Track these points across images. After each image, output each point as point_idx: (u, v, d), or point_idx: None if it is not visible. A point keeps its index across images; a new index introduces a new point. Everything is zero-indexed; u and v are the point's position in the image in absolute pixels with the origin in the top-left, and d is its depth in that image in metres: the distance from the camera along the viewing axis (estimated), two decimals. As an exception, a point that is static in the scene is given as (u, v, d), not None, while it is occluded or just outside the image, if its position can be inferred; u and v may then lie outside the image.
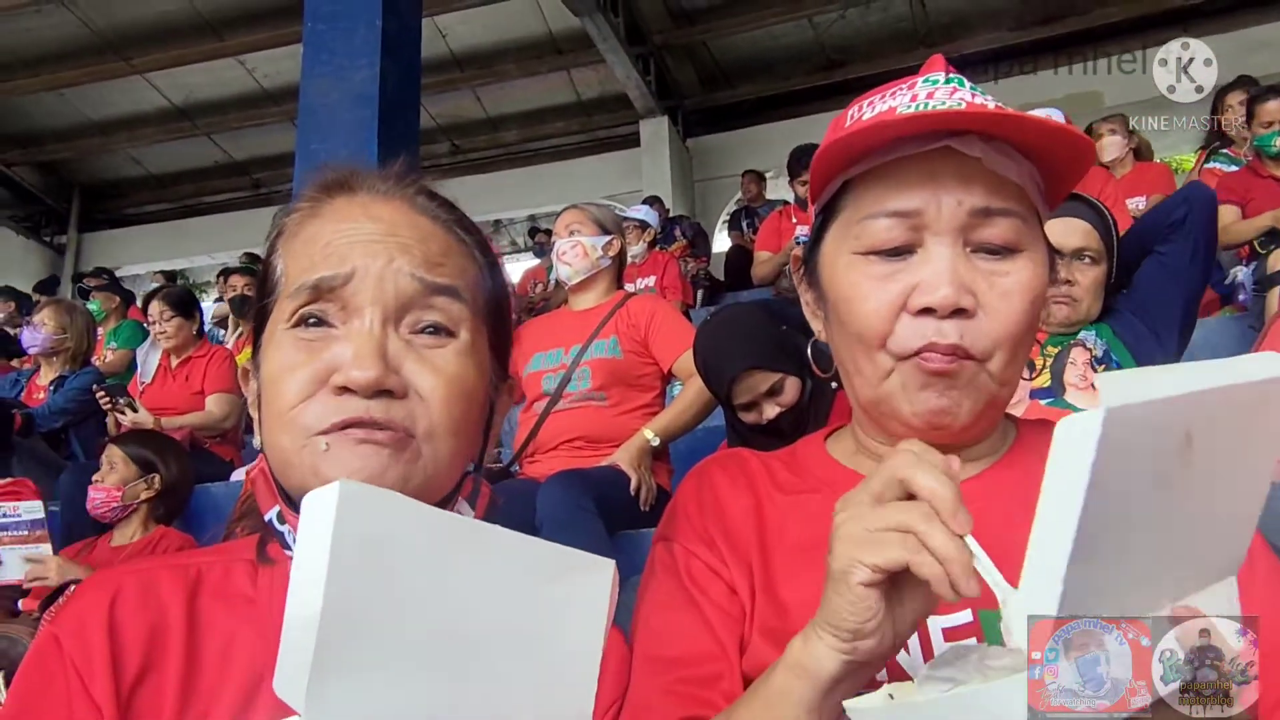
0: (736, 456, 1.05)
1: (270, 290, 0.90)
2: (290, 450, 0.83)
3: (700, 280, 7.93)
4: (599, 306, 3.31)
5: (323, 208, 0.90)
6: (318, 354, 0.83)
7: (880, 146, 0.88)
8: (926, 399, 0.88)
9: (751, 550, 0.94)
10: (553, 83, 11.89)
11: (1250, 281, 4.23)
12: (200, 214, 14.09)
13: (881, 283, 0.88)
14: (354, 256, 0.84)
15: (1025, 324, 0.87)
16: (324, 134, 4.77)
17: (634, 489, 2.84)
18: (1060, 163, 0.89)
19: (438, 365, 0.86)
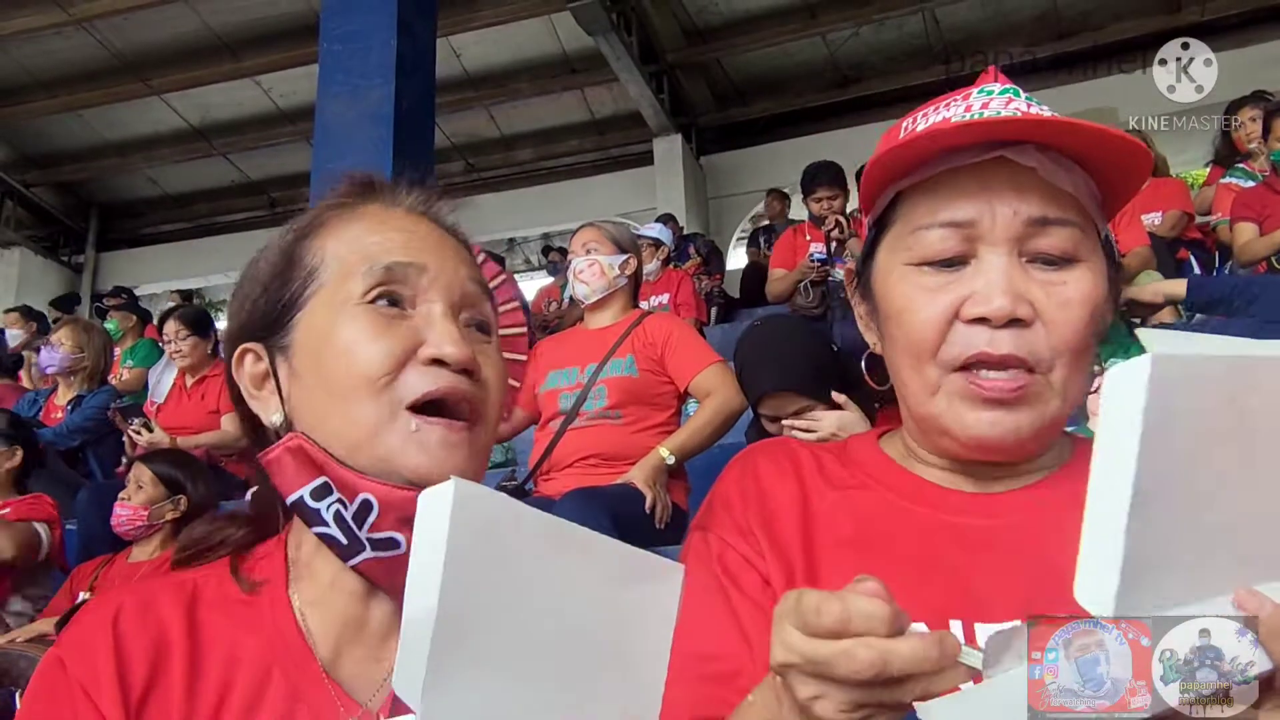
0: (785, 445, 1.02)
1: (308, 277, 0.90)
2: (372, 422, 0.84)
3: (714, 298, 7.94)
4: (615, 325, 3.31)
5: (363, 209, 0.94)
6: (398, 328, 0.86)
7: (933, 157, 0.88)
8: (976, 425, 0.86)
9: (794, 542, 0.92)
10: (566, 101, 11.95)
11: (1268, 297, 4.20)
12: (217, 233, 14.18)
13: (934, 294, 0.87)
14: (424, 252, 0.89)
15: (1085, 334, 0.85)
16: (340, 153, 4.81)
17: (649, 507, 2.83)
18: (1117, 171, 0.88)
19: (491, 358, 0.91)
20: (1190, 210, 5.35)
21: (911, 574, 0.85)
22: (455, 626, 0.61)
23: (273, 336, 0.91)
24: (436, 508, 0.61)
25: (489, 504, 0.64)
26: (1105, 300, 0.88)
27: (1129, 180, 0.89)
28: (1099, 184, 0.89)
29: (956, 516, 0.90)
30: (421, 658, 0.60)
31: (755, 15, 10.50)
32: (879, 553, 0.88)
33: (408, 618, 0.62)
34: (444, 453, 0.84)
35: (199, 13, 10.42)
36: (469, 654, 0.62)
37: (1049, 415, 0.86)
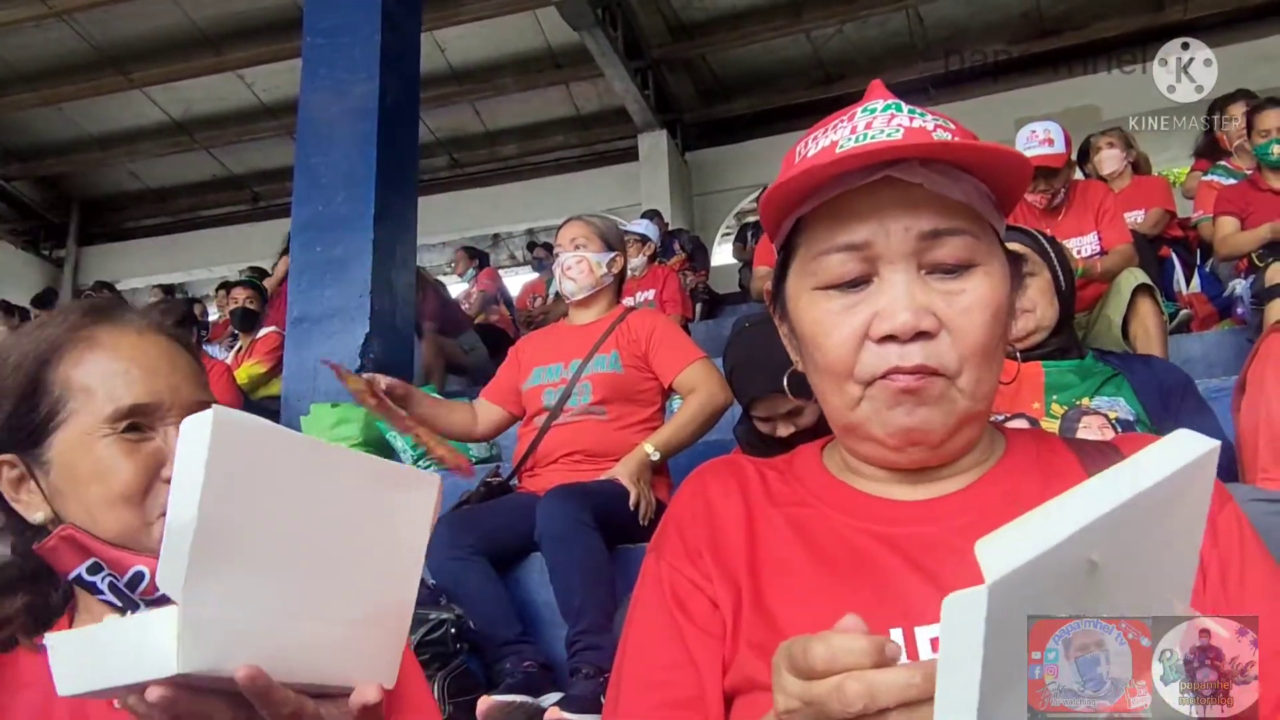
0: (733, 464, 1.05)
1: (56, 404, 1.03)
2: (134, 527, 1.02)
3: (699, 294, 7.95)
4: (599, 321, 3.30)
5: (97, 334, 1.06)
6: (143, 451, 1.02)
7: (825, 184, 0.89)
8: (896, 418, 0.89)
9: (740, 562, 0.94)
10: (551, 97, 11.93)
11: (1249, 295, 4.23)
12: (199, 228, 14.10)
13: (842, 316, 0.90)
14: (158, 380, 1.05)
15: (990, 337, 0.88)
16: (324, 148, 4.79)
17: (633, 503, 2.83)
18: (1002, 177, 0.91)
19: None
20: (1172, 208, 5.38)
21: (852, 586, 0.88)
22: (214, 531, 0.71)
23: (27, 451, 1.04)
24: (197, 432, 0.71)
25: (247, 427, 0.74)
26: (1007, 300, 0.91)
27: (1014, 186, 0.92)
28: (990, 186, 0.91)
29: (893, 526, 0.92)
30: (183, 557, 0.69)
31: (740, 12, 10.50)
32: (821, 568, 0.91)
33: (170, 526, 0.70)
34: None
35: (181, 5, 10.35)
36: (228, 554, 0.72)
37: (959, 412, 0.89)
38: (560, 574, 2.66)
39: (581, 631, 2.54)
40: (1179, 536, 0.67)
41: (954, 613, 0.54)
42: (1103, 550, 0.58)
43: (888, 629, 0.83)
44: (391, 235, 4.66)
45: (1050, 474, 0.95)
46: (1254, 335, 3.90)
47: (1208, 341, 4.57)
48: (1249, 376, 2.04)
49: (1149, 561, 0.63)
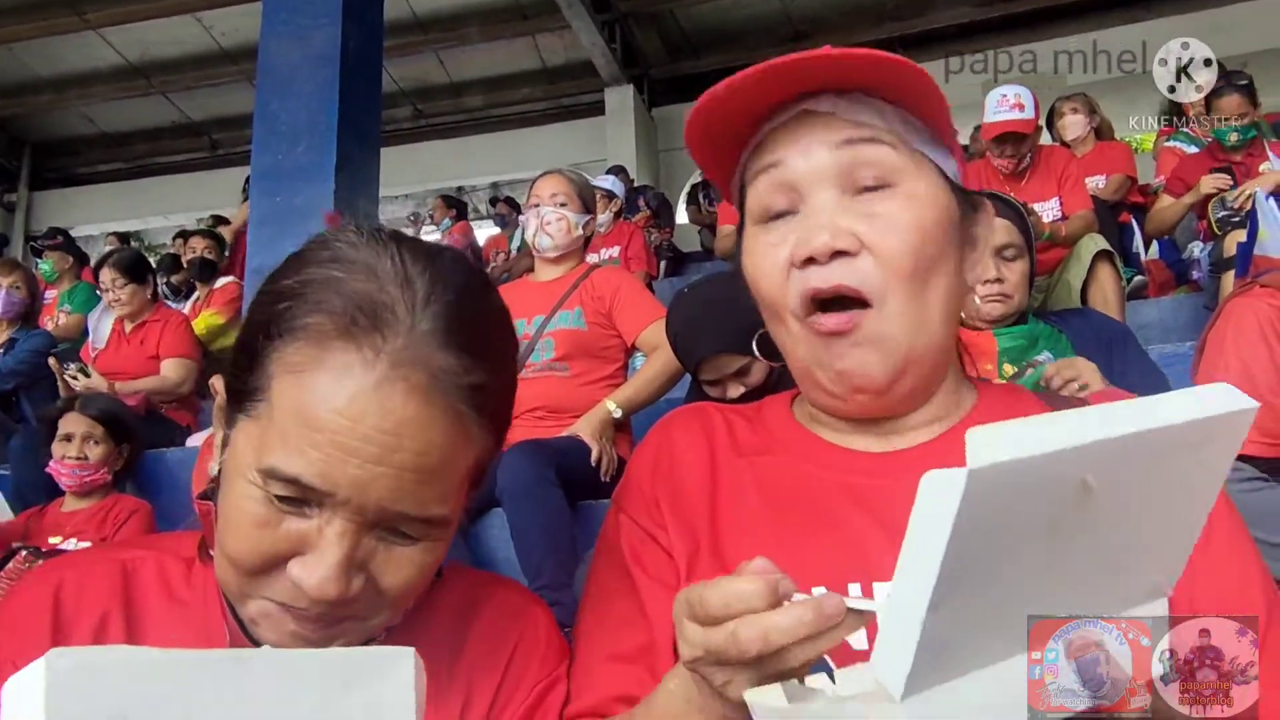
0: (700, 412, 1.04)
1: (256, 390, 0.79)
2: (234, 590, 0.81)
3: (664, 251, 7.92)
4: (563, 277, 3.29)
5: (336, 352, 0.76)
6: (284, 529, 0.77)
7: (751, 133, 0.93)
8: (831, 363, 0.89)
9: (700, 512, 0.94)
10: (517, 48, 11.76)
11: (1207, 261, 4.29)
12: (156, 174, 13.80)
13: (774, 248, 0.90)
14: (352, 463, 0.75)
15: (917, 258, 0.86)
16: (284, 95, 4.69)
17: (595, 460, 2.84)
18: (913, 95, 0.90)
19: (399, 565, 0.81)
20: (1134, 175, 5.42)
21: (812, 539, 0.88)
22: None
23: (232, 396, 0.83)
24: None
25: (109, 675, 0.55)
26: (939, 226, 0.89)
27: (928, 101, 0.90)
28: (913, 112, 0.91)
29: (858, 478, 0.92)
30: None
31: (709, -35, 10.39)
32: (781, 520, 0.90)
33: None
34: (297, 642, 0.79)
35: (137, -56, 10.09)
36: None
37: (898, 353, 0.87)
38: (521, 530, 2.66)
39: (542, 587, 2.54)
40: (1189, 490, 0.65)
41: (929, 491, 0.53)
42: (1100, 475, 0.56)
43: (845, 583, 0.83)
44: (353, 186, 4.59)
45: None
46: (1210, 302, 3.96)
47: (1164, 307, 4.63)
48: (1209, 338, 2.06)
49: (1150, 505, 0.62)
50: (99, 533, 3.50)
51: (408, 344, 0.76)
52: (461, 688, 0.92)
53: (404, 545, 0.80)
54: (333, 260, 0.80)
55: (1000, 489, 0.52)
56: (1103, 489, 0.57)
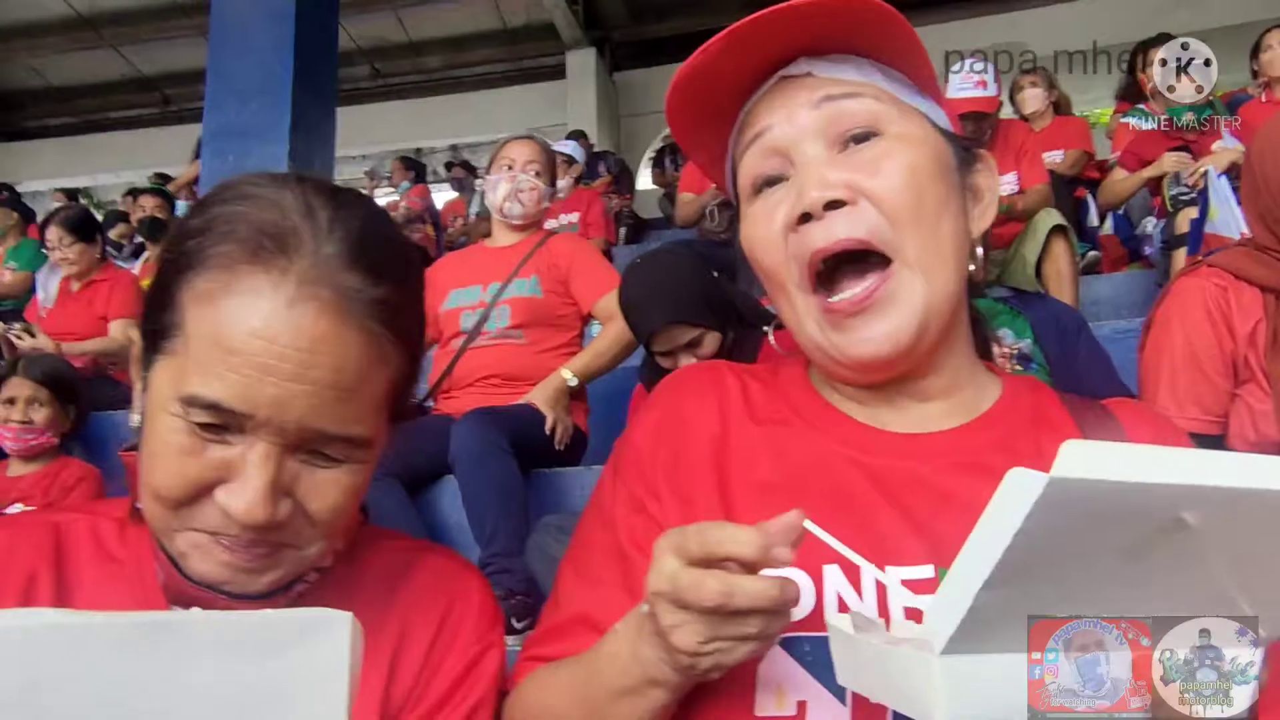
0: (713, 373, 1.00)
1: (169, 328, 0.80)
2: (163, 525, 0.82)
3: (624, 218, 7.88)
4: (519, 244, 3.27)
5: (245, 277, 0.78)
6: (207, 457, 0.78)
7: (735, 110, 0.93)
8: (846, 347, 0.86)
9: (705, 481, 0.90)
10: (478, 8, 11.59)
11: (1159, 238, 4.33)
12: (106, 130, 13.51)
13: (768, 215, 0.89)
14: (268, 383, 0.76)
15: (919, 198, 0.85)
16: (237, 51, 4.59)
17: (549, 428, 2.83)
18: (895, 49, 0.89)
19: (325, 488, 0.82)
20: (1091, 150, 5.47)
21: (828, 518, 0.83)
22: None
23: (148, 340, 0.84)
24: None
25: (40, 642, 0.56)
26: (935, 169, 0.88)
27: (907, 52, 0.90)
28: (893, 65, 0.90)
29: (878, 459, 0.89)
30: None
31: (674, -73, 10.30)
32: (795, 494, 0.87)
33: None
34: (230, 574, 0.81)
35: (86, -109, 9.80)
36: None
37: (922, 303, 0.85)
38: (473, 497, 2.65)
39: (494, 554, 2.54)
40: None
41: (1010, 485, 0.54)
42: (1200, 516, 0.56)
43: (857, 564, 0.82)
44: (308, 146, 4.51)
45: (1043, 425, 0.93)
46: (1161, 279, 4.01)
47: (1117, 283, 4.68)
48: (1156, 318, 2.09)
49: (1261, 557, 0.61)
50: (46, 497, 3.44)
51: (314, 264, 0.78)
52: (389, 649, 0.91)
53: (328, 468, 0.82)
54: (238, 198, 0.82)
55: (1079, 501, 0.53)
56: (1205, 529, 0.57)
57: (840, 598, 0.80)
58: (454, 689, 0.92)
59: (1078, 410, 0.95)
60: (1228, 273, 2.01)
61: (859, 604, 0.80)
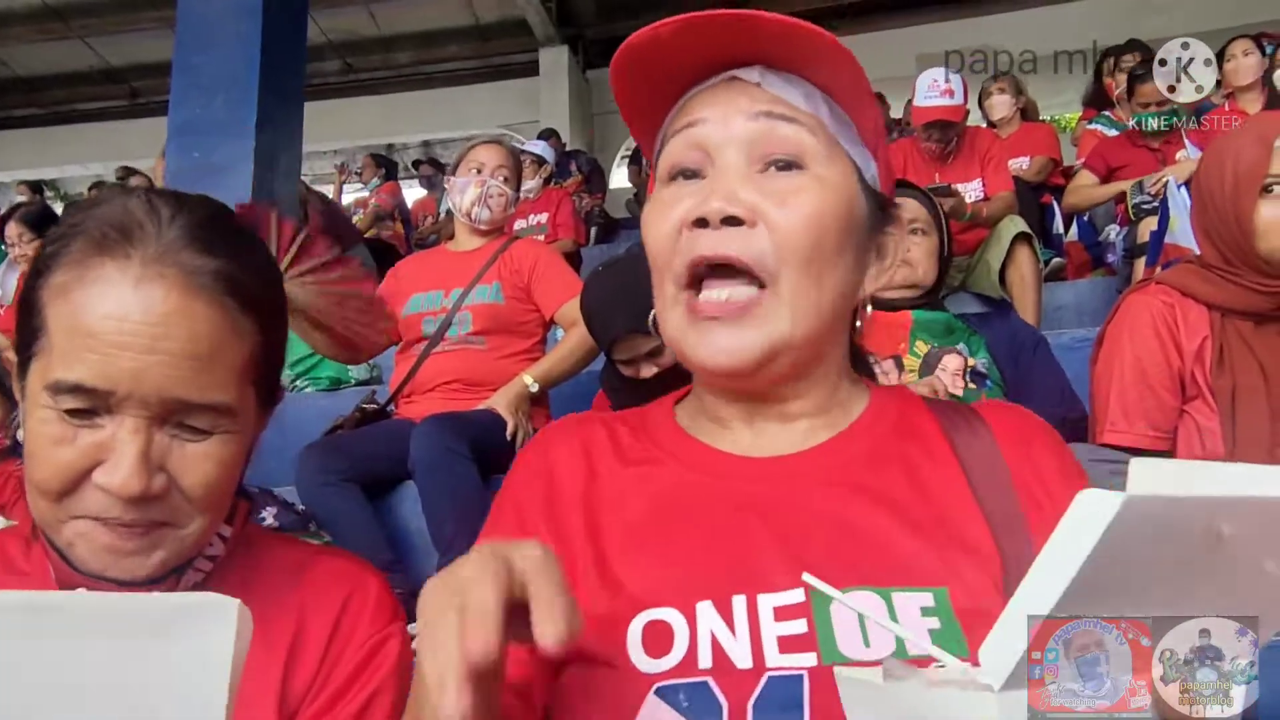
0: (582, 423, 1.00)
1: (35, 332, 0.86)
2: (48, 519, 0.86)
3: (595, 217, 7.87)
4: (482, 249, 3.26)
5: (97, 268, 0.84)
6: (80, 442, 0.83)
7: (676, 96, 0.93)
8: (704, 347, 0.86)
9: (579, 528, 0.90)
10: (450, 4, 11.52)
11: (1122, 246, 4.38)
12: (73, 121, 13.33)
13: (671, 206, 0.88)
14: (127, 356, 0.82)
15: (814, 243, 0.84)
16: (203, 46, 4.55)
17: (510, 434, 2.83)
18: (848, 90, 0.89)
19: (196, 462, 0.87)
20: (1058, 156, 5.50)
21: (698, 552, 0.85)
22: None
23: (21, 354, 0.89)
24: None
25: None
26: (843, 219, 0.87)
27: (859, 97, 0.90)
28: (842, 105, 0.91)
29: (745, 485, 0.89)
30: None
31: (648, -76, 10.27)
32: (668, 532, 0.87)
33: None
34: (115, 558, 0.85)
35: (53, -120, 9.67)
36: None
37: (780, 334, 0.85)
38: (432, 502, 2.65)
39: (452, 559, 2.53)
40: None
41: (1082, 506, 0.54)
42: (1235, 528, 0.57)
43: (732, 595, 0.81)
44: (275, 142, 4.48)
45: (908, 435, 0.93)
46: (1123, 286, 4.05)
47: (1080, 289, 4.72)
48: (1108, 334, 2.11)
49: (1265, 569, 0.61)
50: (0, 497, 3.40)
51: (157, 249, 0.85)
52: (286, 643, 0.94)
53: (197, 441, 0.87)
54: (87, 206, 0.90)
55: (1147, 520, 0.53)
56: (1234, 542, 0.57)
57: (714, 636, 0.79)
58: (353, 678, 0.95)
59: (944, 415, 0.96)
60: (1175, 290, 2.03)
61: (734, 642, 0.78)
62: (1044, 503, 0.87)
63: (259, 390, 0.94)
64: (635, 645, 0.79)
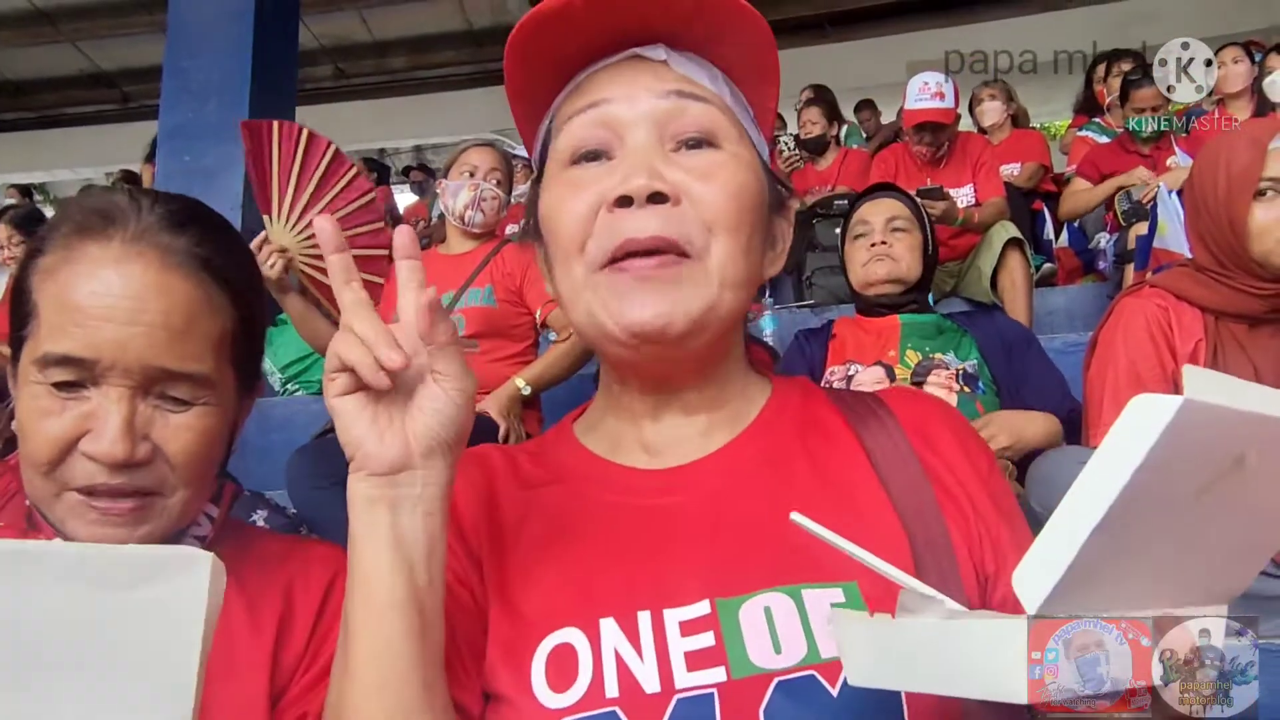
0: (479, 456, 0.97)
1: (27, 315, 0.93)
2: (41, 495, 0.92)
3: (586, 222, 7.85)
4: (474, 251, 3.26)
5: (80, 249, 0.92)
6: (67, 414, 0.90)
7: (575, 72, 0.90)
8: (630, 308, 0.82)
9: (485, 558, 0.88)
10: (442, 9, 11.52)
11: (1112, 252, 4.39)
12: (63, 125, 13.29)
13: (582, 189, 0.85)
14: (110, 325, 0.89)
15: (735, 212, 0.84)
16: (194, 51, 4.56)
17: (503, 437, 2.82)
18: (749, 57, 0.88)
19: (179, 432, 0.93)
20: (1048, 163, 5.53)
21: (600, 568, 0.83)
22: None
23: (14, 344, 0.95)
24: None
25: None
26: (755, 199, 0.87)
27: (762, 76, 0.90)
28: (742, 89, 0.91)
29: (646, 499, 0.88)
30: None
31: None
32: (568, 551, 0.86)
33: None
34: (106, 530, 0.91)
35: (44, -116, 9.64)
36: None
37: (708, 300, 0.83)
38: (424, 506, 2.63)
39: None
40: None
41: (1135, 412, 0.52)
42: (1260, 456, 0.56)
43: (636, 610, 0.79)
44: (265, 147, 4.48)
45: (811, 428, 0.92)
46: (1114, 292, 4.06)
47: (1071, 295, 4.74)
48: (1101, 337, 2.11)
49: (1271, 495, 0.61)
50: (-12, 501, 3.38)
51: (137, 231, 0.92)
52: (275, 617, 0.99)
53: (179, 411, 0.93)
54: (76, 200, 0.99)
55: (1192, 430, 0.52)
56: (1254, 473, 0.56)
57: (620, 658, 0.77)
58: None
59: (847, 405, 0.95)
60: (1169, 293, 2.03)
61: (640, 665, 0.76)
62: (950, 483, 0.86)
63: (237, 371, 1.00)
64: (539, 678, 0.78)
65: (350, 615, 0.76)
